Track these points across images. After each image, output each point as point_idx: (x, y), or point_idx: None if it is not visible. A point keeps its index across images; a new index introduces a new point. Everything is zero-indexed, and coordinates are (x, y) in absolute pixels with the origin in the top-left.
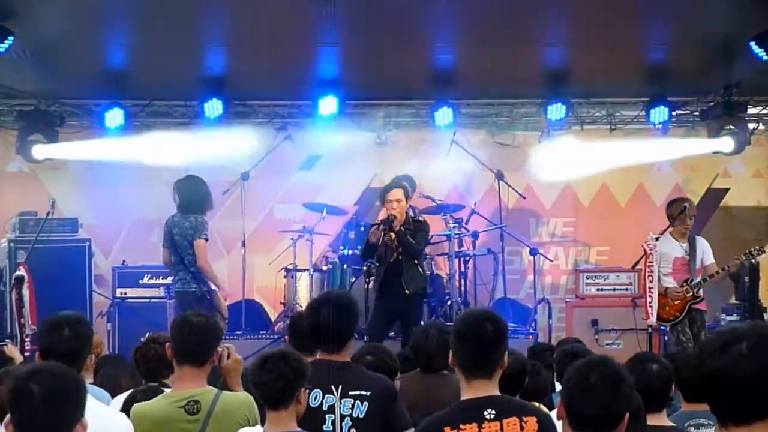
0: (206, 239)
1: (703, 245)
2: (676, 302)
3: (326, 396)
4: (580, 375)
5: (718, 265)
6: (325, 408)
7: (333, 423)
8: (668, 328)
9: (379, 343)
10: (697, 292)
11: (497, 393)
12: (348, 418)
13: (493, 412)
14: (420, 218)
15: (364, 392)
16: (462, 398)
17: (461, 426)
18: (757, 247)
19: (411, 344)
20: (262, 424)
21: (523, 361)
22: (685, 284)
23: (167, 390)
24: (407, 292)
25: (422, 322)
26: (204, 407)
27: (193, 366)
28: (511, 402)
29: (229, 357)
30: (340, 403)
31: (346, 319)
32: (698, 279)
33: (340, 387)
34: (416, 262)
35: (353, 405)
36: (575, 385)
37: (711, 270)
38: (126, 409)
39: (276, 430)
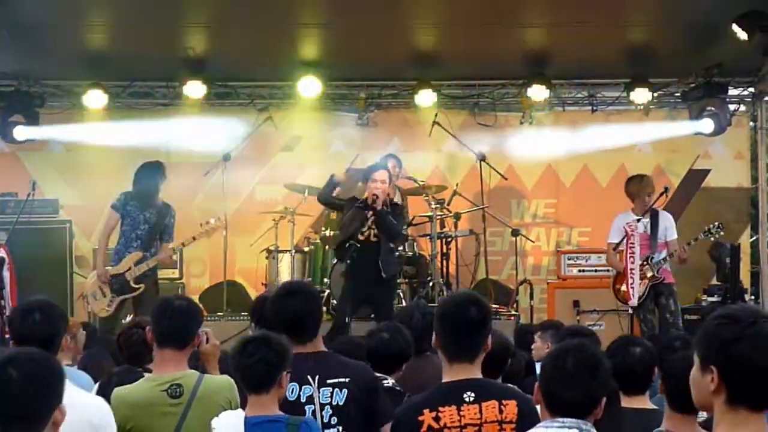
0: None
1: (665, 220)
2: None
3: (303, 387)
4: (557, 359)
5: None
6: (303, 399)
7: (314, 413)
8: (630, 310)
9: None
10: (657, 272)
11: (479, 376)
12: (328, 406)
13: (473, 395)
14: (397, 202)
15: (342, 379)
16: (443, 380)
17: (440, 409)
18: (717, 223)
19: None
20: (243, 408)
21: (506, 342)
22: (646, 263)
23: (148, 375)
24: (383, 275)
25: (403, 303)
26: (187, 391)
27: (175, 349)
28: (492, 385)
29: (207, 341)
30: (319, 392)
31: (313, 308)
32: (661, 255)
33: (317, 376)
34: (393, 245)
35: (332, 393)
36: (552, 369)
37: (674, 246)
38: (103, 392)
39: (258, 414)
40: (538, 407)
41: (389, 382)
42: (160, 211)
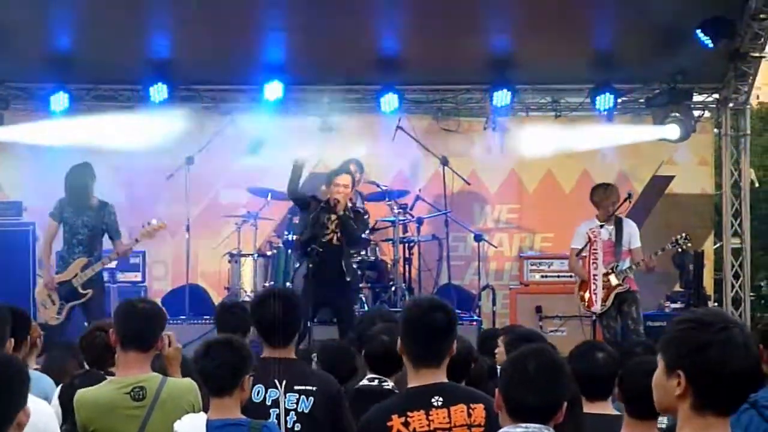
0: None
1: (629, 228)
2: (602, 290)
3: (269, 390)
4: (518, 364)
5: (645, 252)
6: (268, 402)
7: (278, 417)
8: (595, 317)
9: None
10: (623, 280)
11: (445, 380)
12: (293, 412)
13: (441, 399)
14: (359, 209)
15: (309, 387)
16: (409, 386)
17: (409, 413)
18: (684, 234)
19: (358, 332)
20: (205, 411)
21: (470, 347)
22: (611, 271)
23: (112, 377)
24: (348, 279)
25: (366, 308)
26: (150, 393)
27: (139, 351)
28: (459, 389)
29: (170, 345)
30: (285, 397)
31: (293, 314)
32: (626, 265)
33: (285, 381)
34: (352, 251)
35: (298, 399)
36: (513, 374)
37: (637, 255)
38: (64, 395)
39: (220, 417)
40: (499, 413)
41: (389, 384)
42: (97, 212)
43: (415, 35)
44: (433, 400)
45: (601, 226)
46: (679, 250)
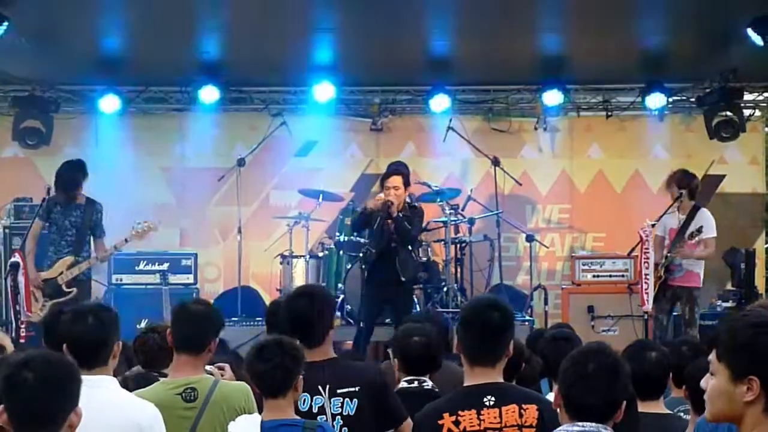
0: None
1: (701, 218)
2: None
3: (314, 398)
4: (578, 363)
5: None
6: (315, 410)
7: (325, 422)
8: (647, 316)
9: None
10: (663, 270)
11: (500, 380)
12: (339, 417)
13: (493, 399)
14: (416, 204)
15: (352, 388)
16: (464, 385)
17: (460, 412)
18: (699, 227)
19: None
20: (259, 412)
21: (521, 347)
22: (665, 259)
23: (164, 379)
24: (402, 278)
25: (417, 309)
26: (201, 395)
27: (190, 354)
28: (512, 389)
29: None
30: (330, 402)
31: (324, 312)
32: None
33: (328, 386)
34: (410, 248)
35: (343, 403)
36: (573, 373)
37: (709, 245)
38: None
39: (274, 418)
40: (558, 411)
41: (428, 384)
42: (84, 211)
43: (466, 35)
44: (485, 399)
45: (660, 218)
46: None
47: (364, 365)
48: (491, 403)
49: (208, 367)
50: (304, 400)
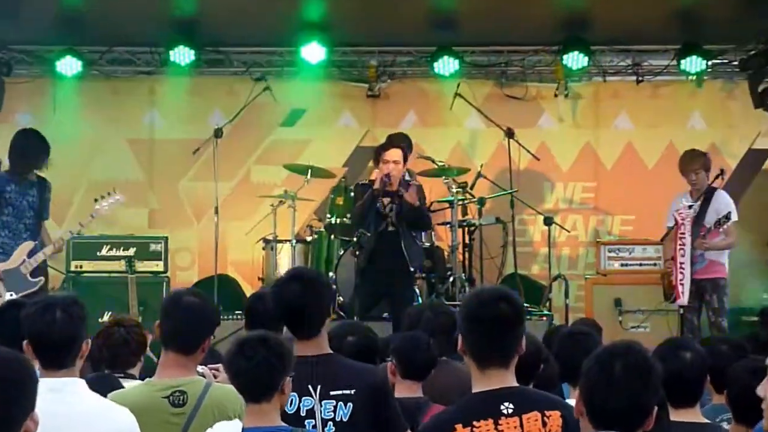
0: None
1: (719, 201)
2: (670, 278)
3: (303, 399)
4: (603, 364)
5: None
6: (303, 413)
7: (314, 428)
8: (682, 311)
9: (357, 321)
10: (702, 265)
11: (515, 383)
12: (331, 422)
13: (512, 406)
14: (413, 181)
15: (347, 391)
16: (474, 390)
17: (475, 423)
18: (727, 213)
19: (405, 328)
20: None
21: (538, 345)
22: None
23: (133, 381)
24: (411, 268)
25: (420, 301)
26: (191, 399)
27: (180, 353)
28: (532, 394)
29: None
30: (321, 405)
31: (318, 299)
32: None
33: (320, 386)
34: (413, 233)
35: (336, 407)
36: (597, 375)
37: (730, 232)
38: None
39: (258, 425)
40: (580, 419)
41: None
42: (39, 189)
43: None
44: (502, 406)
45: (690, 207)
46: (721, 229)
47: (364, 365)
48: (510, 411)
49: (199, 368)
50: (292, 400)
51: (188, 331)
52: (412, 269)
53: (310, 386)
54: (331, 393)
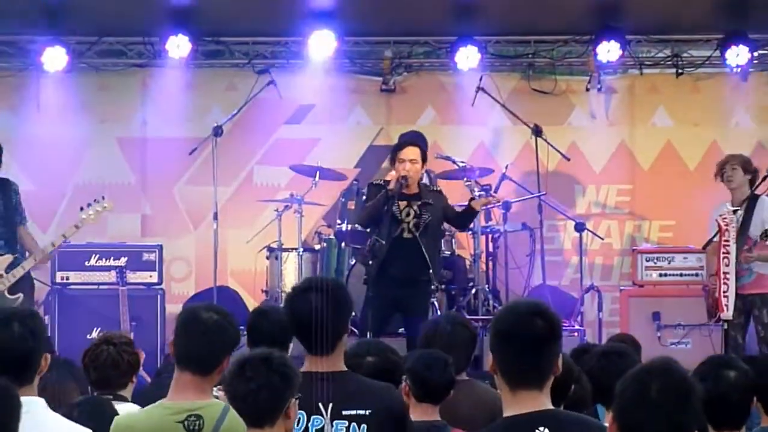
0: None
1: (765, 209)
2: (715, 295)
3: (312, 418)
4: (639, 384)
5: None
6: None
7: None
8: (727, 326)
9: (379, 340)
10: (749, 279)
11: (550, 406)
12: None
13: (547, 431)
14: (436, 188)
15: (361, 411)
16: (505, 414)
17: None
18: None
19: (420, 344)
20: None
21: (570, 364)
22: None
23: (125, 404)
24: (433, 279)
25: (438, 314)
26: (208, 424)
27: (196, 374)
28: (568, 417)
29: None
30: (332, 425)
31: (336, 311)
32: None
33: (331, 405)
34: (434, 239)
35: (348, 428)
36: (632, 397)
37: None
38: None
39: None
40: None
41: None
42: (4, 194)
43: None
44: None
45: (735, 212)
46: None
47: (382, 385)
48: None
49: (216, 391)
50: (299, 419)
51: (206, 350)
52: (433, 280)
53: (320, 404)
54: (344, 412)
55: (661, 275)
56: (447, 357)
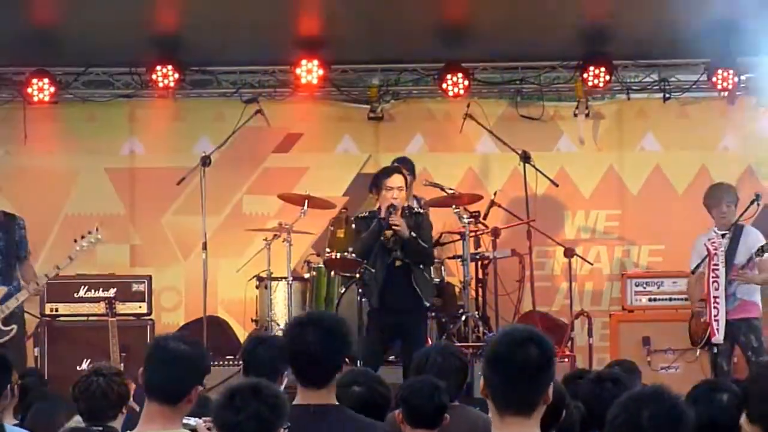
0: None
1: (751, 237)
2: (701, 319)
3: None
4: (630, 411)
5: None
6: None
7: None
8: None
9: (367, 369)
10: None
11: None
12: None
13: None
14: (421, 210)
15: None
16: None
17: None
18: (764, 244)
19: (412, 373)
20: None
21: (561, 391)
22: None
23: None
24: (426, 303)
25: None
26: None
27: (164, 404)
28: None
29: None
30: None
31: (337, 348)
32: (734, 288)
33: None
34: (422, 266)
35: None
36: (624, 424)
37: (765, 267)
38: None
39: None
40: None
41: None
42: (6, 230)
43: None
44: None
45: (723, 236)
46: (756, 260)
47: (372, 422)
48: None
49: (192, 421)
50: None
51: (173, 380)
52: (427, 304)
53: None
54: None
55: (650, 300)
56: (438, 382)
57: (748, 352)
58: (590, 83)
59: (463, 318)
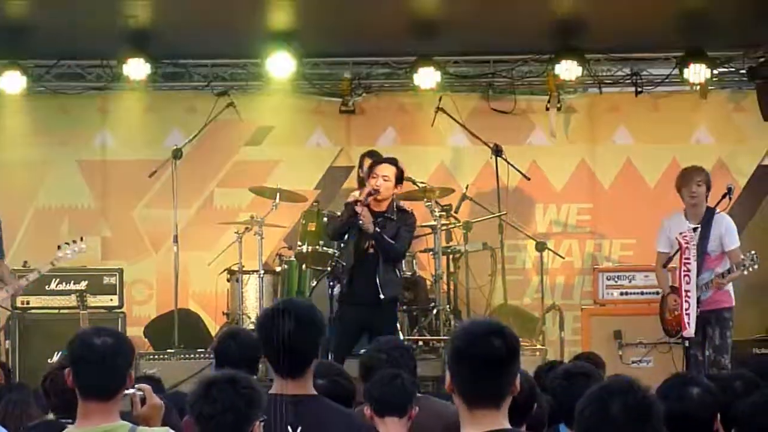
0: None
1: (722, 225)
2: (675, 313)
3: None
4: (598, 404)
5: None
6: None
7: None
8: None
9: (332, 362)
10: (706, 295)
11: (507, 426)
12: None
13: None
14: (406, 208)
15: None
16: None
17: None
18: (752, 254)
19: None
20: None
21: (532, 383)
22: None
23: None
24: (381, 296)
25: (401, 337)
26: None
27: (99, 401)
28: None
29: (144, 403)
30: None
31: (309, 334)
32: (708, 275)
33: (300, 429)
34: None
35: None
36: (592, 416)
37: (734, 257)
38: None
39: None
40: None
41: None
42: None
43: None
44: None
45: (694, 229)
46: (746, 272)
47: (352, 411)
48: None
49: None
50: None
51: (105, 378)
52: (381, 297)
53: (289, 427)
54: None
55: (622, 294)
56: (395, 371)
57: (710, 349)
58: (562, 77)
59: (435, 311)
